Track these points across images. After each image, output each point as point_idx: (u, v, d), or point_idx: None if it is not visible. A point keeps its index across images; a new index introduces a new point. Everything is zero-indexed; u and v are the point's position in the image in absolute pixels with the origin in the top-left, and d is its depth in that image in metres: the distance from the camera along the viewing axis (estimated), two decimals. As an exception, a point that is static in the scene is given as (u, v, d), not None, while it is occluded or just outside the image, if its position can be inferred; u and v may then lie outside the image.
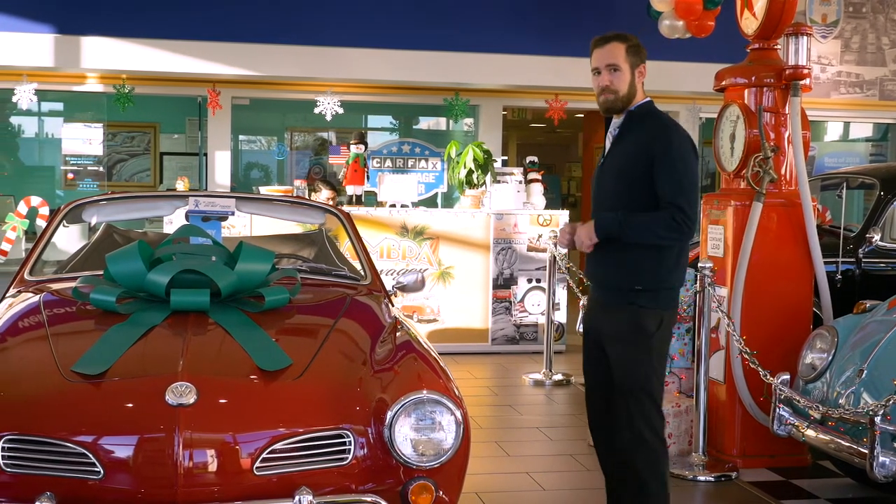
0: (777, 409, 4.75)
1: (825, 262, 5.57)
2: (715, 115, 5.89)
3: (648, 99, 3.93)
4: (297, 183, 9.43)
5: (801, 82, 5.43)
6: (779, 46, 5.62)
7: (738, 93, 5.61)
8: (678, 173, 3.71)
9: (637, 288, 3.77)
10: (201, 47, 9.47)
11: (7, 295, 4.12)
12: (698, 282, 5.31)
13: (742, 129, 5.50)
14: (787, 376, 4.76)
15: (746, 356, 5.10)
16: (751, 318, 5.39)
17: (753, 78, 5.55)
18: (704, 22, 8.00)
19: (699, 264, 5.32)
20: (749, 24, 5.62)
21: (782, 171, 5.52)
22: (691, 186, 3.73)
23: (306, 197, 8.70)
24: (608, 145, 3.97)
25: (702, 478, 5.17)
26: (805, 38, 5.53)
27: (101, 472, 2.86)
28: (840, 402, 4.51)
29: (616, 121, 3.93)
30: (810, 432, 4.57)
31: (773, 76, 5.49)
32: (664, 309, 3.82)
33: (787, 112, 5.50)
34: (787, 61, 5.54)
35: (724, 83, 5.73)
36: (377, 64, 9.83)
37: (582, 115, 14.37)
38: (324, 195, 9.06)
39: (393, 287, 4.69)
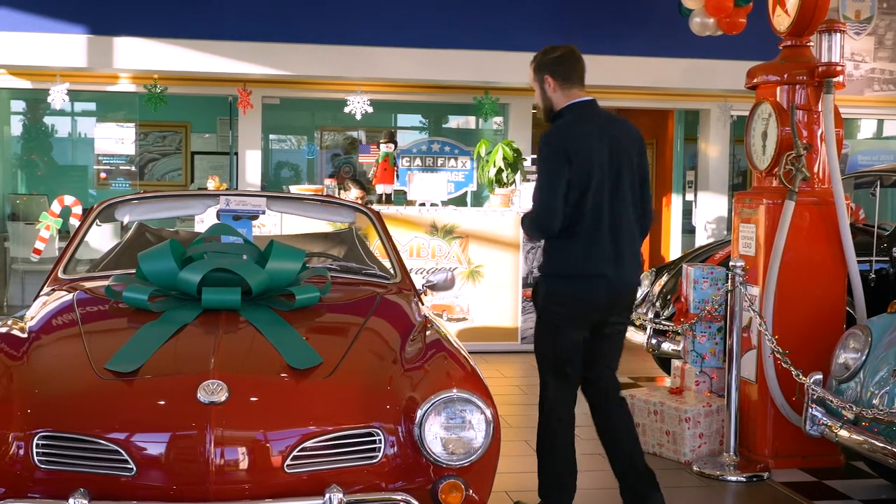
0: (810, 409, 4.71)
1: (858, 261, 5.51)
2: (746, 113, 5.85)
3: (569, 103, 4.23)
4: (327, 182, 9.46)
5: (834, 79, 5.38)
6: (811, 43, 5.57)
7: (770, 90, 5.57)
8: (537, 175, 4.13)
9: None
10: (232, 47, 9.53)
11: (41, 293, 4.16)
12: (730, 281, 5.28)
13: (774, 127, 5.45)
14: (819, 376, 4.72)
15: (779, 356, 5.06)
16: (783, 318, 5.34)
17: (786, 75, 5.50)
18: (735, 19, 7.96)
19: (731, 263, 5.28)
20: (781, 21, 5.57)
21: (815, 169, 5.47)
22: (544, 185, 4.07)
23: (336, 196, 8.72)
24: None
25: (733, 478, 5.14)
26: (838, 34, 5.47)
27: (134, 468, 2.88)
28: (874, 402, 4.46)
29: None
30: (843, 433, 4.53)
31: (805, 73, 5.44)
32: (546, 293, 4.19)
33: (819, 109, 5.45)
34: (820, 58, 5.48)
35: (755, 81, 5.69)
36: (407, 63, 9.84)
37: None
38: (353, 194, 9.09)
39: (423, 286, 4.69)
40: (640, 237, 4.27)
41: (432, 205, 8.78)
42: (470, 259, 8.71)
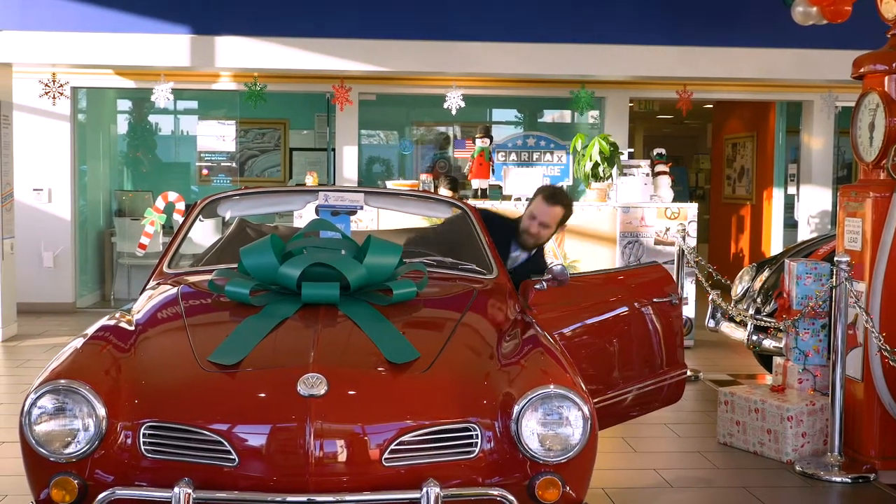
0: (919, 410, 4.56)
1: (971, 257, 5.32)
2: (852, 104, 5.69)
3: None
4: (423, 177, 9.51)
5: (946, 68, 5.20)
6: (922, 31, 5.39)
7: (877, 80, 5.41)
8: None
9: None
10: (330, 44, 9.63)
11: (147, 287, 4.27)
12: (834, 276, 5.14)
13: (882, 118, 5.30)
14: (930, 375, 4.57)
15: (886, 354, 4.92)
16: (891, 314, 5.19)
17: (894, 64, 5.33)
18: (840, 7, 7.74)
19: (835, 258, 5.15)
20: (889, 8, 5.40)
21: (925, 162, 5.30)
22: None
23: (431, 191, 8.76)
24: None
25: (837, 479, 5.01)
26: (950, 21, 5.29)
27: (236, 459, 2.94)
28: None
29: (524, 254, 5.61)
30: (955, 434, 4.38)
31: (915, 62, 5.27)
32: None
33: (930, 99, 5.27)
34: (931, 46, 5.31)
35: (862, 70, 5.53)
36: (502, 57, 9.82)
37: (710, 106, 14.09)
38: (444, 194, 9.10)
39: (543, 280, 4.56)
40: None
41: (528, 199, 8.74)
42: (566, 254, 8.66)
